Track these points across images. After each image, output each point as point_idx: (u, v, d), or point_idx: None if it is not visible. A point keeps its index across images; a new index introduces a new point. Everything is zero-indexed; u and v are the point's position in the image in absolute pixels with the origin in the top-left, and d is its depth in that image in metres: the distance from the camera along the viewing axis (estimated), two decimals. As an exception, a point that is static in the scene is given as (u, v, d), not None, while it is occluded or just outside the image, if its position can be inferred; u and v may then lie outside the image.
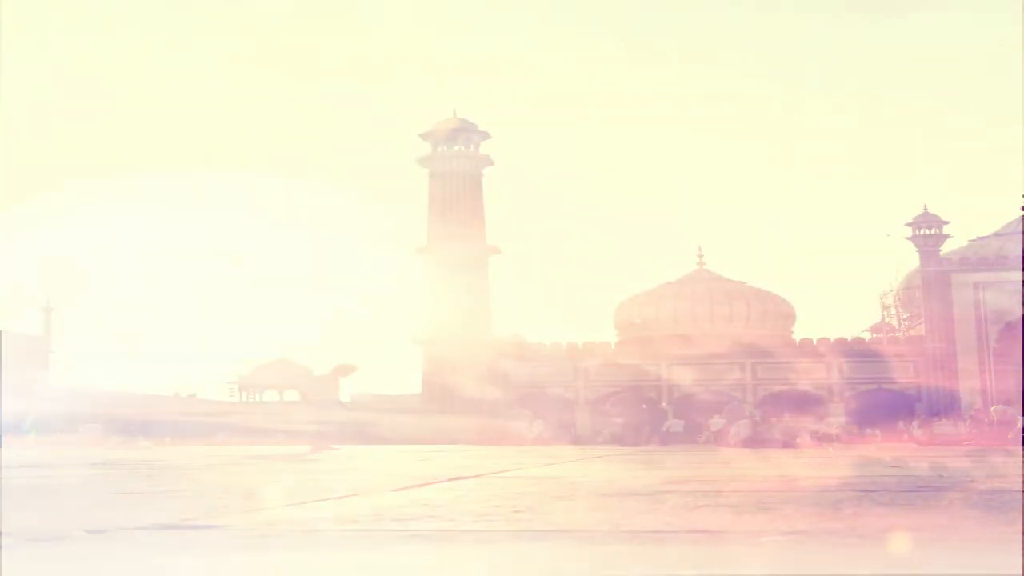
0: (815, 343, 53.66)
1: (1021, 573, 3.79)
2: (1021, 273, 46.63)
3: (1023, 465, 13.15)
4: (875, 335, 58.11)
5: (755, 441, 32.94)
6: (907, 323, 58.47)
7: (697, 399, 50.30)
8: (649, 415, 48.65)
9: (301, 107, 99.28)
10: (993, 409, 42.33)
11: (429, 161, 55.66)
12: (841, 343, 53.45)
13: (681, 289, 56.97)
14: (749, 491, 8.24)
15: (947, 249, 53.43)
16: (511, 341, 53.66)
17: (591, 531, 5.32)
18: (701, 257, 59.24)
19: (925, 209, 53.73)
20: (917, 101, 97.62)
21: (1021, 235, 49.66)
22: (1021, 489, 8.26)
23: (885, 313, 60.70)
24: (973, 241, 54.73)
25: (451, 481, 10.05)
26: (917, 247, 53.51)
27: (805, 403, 48.66)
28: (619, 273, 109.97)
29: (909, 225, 53.63)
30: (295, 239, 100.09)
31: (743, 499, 7.26)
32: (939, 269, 52.59)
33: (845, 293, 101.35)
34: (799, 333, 56.13)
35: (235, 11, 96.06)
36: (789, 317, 57.32)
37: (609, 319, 59.34)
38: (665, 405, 51.29)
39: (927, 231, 53.26)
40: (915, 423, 42.82)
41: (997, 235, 54.42)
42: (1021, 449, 24.76)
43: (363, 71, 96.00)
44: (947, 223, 53.42)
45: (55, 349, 59.52)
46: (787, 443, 32.61)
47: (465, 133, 55.47)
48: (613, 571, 4.08)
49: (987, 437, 36.17)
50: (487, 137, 55.75)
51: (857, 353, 52.70)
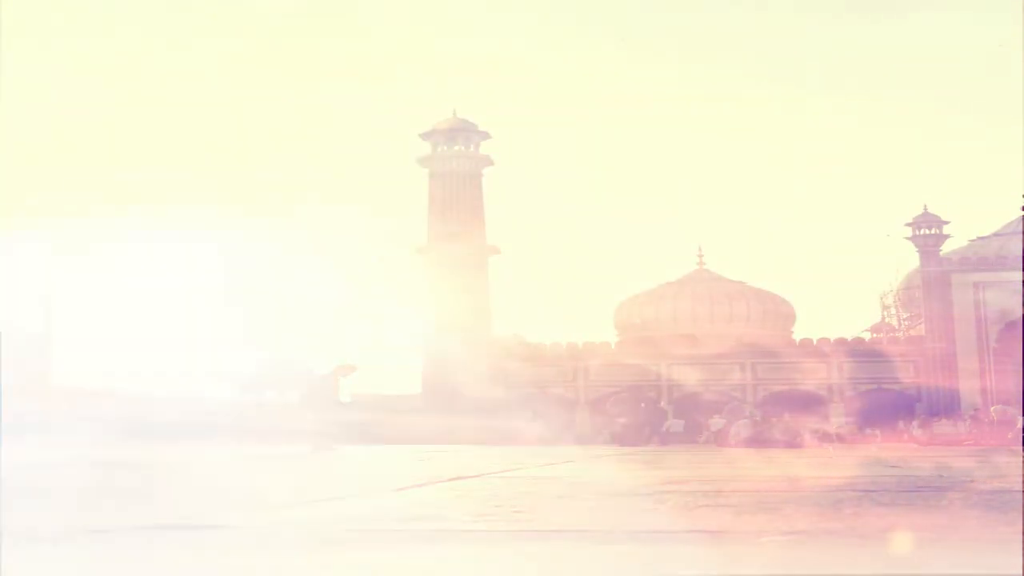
0: (815, 343, 53.60)
1: (1021, 573, 3.79)
2: (1021, 273, 46.61)
3: (1023, 465, 13.15)
4: (875, 335, 58.03)
5: (758, 441, 32.90)
6: (907, 323, 58.41)
7: (697, 399, 50.26)
8: (649, 415, 48.60)
9: (301, 107, 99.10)
10: (993, 409, 42.29)
11: (429, 161, 55.62)
12: (841, 343, 53.39)
13: (681, 289, 56.92)
14: (749, 491, 8.24)
15: (947, 249, 53.34)
16: (511, 341, 53.60)
17: (591, 531, 5.31)
18: (701, 257, 59.18)
19: (925, 209, 53.67)
20: (917, 101, 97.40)
21: (1021, 235, 49.61)
22: (1021, 489, 8.26)
23: (885, 313, 60.64)
24: (973, 241, 54.64)
25: (451, 481, 10.05)
26: (917, 247, 53.44)
27: (805, 403, 48.60)
28: (619, 273, 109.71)
29: (909, 225, 53.55)
30: (295, 239, 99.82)
31: (743, 499, 7.26)
32: (939, 269, 52.54)
33: (845, 293, 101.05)
34: (799, 333, 56.08)
35: (235, 11, 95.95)
36: (789, 317, 57.28)
37: (609, 319, 59.32)
38: (665, 405, 51.23)
39: (927, 231, 53.17)
40: (915, 423, 42.79)
41: (997, 235, 54.33)
42: (1021, 449, 24.76)
43: (363, 71, 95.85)
44: (947, 223, 53.34)
45: (55, 349, 59.50)
46: (791, 443, 32.59)
47: (465, 133, 55.42)
48: (613, 571, 4.08)
49: (987, 437, 36.15)
50: (487, 137, 55.70)
51: (857, 353, 52.63)
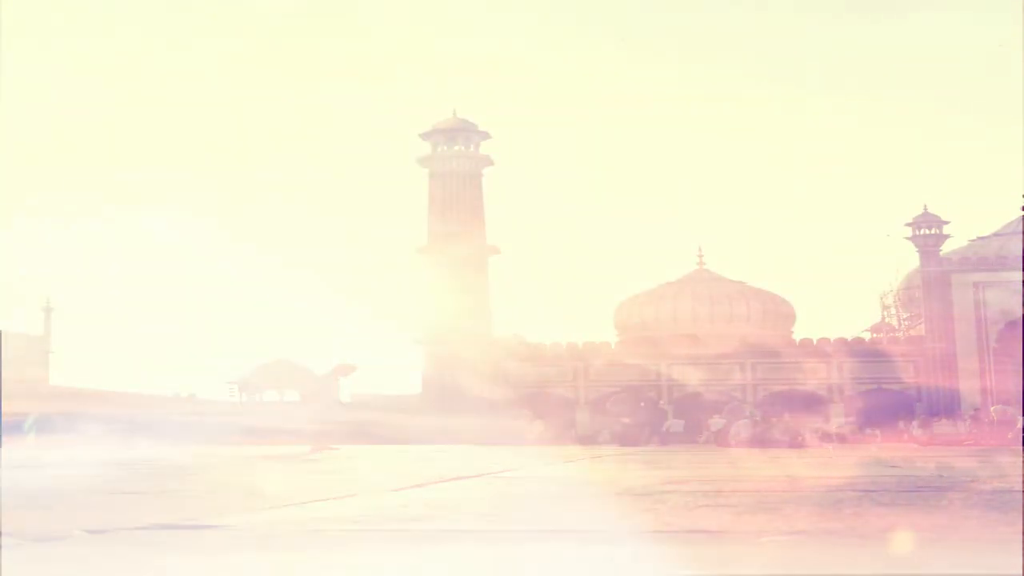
0: (815, 343, 53.62)
1: (1021, 573, 3.79)
2: (1021, 273, 46.61)
3: (1023, 465, 13.14)
4: (875, 335, 58.04)
5: (758, 441, 32.88)
6: (907, 323, 58.42)
7: (697, 399, 50.27)
8: (649, 415, 48.61)
9: (301, 107, 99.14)
10: (993, 409, 42.29)
11: (429, 161, 55.62)
12: (841, 343, 53.40)
13: (681, 289, 56.93)
14: (749, 491, 8.24)
15: (947, 249, 53.35)
16: (511, 341, 53.60)
17: (591, 531, 5.31)
18: (701, 257, 59.19)
19: (925, 209, 53.68)
20: (917, 101, 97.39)
21: (1021, 235, 49.63)
22: (1021, 489, 8.26)
23: (885, 313, 60.65)
24: (973, 241, 54.65)
25: (451, 481, 10.05)
26: (917, 247, 53.45)
27: (805, 403, 48.61)
28: (619, 273, 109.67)
29: (909, 225, 53.56)
30: (295, 239, 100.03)
31: (743, 499, 7.25)
32: (939, 269, 52.54)
33: (845, 293, 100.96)
34: (799, 333, 56.09)
35: (235, 11, 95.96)
36: (789, 317, 57.29)
37: (609, 319, 59.33)
38: (665, 405, 51.26)
39: (927, 231, 53.18)
40: (915, 423, 42.78)
41: (997, 235, 54.34)
42: (1021, 449, 24.76)
43: (363, 71, 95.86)
44: (947, 223, 53.35)
45: (55, 349, 59.59)
46: (791, 443, 32.57)
47: (465, 133, 55.43)
48: (613, 571, 4.08)
49: (987, 437, 36.15)
50: (487, 137, 55.70)
51: (857, 353, 52.63)
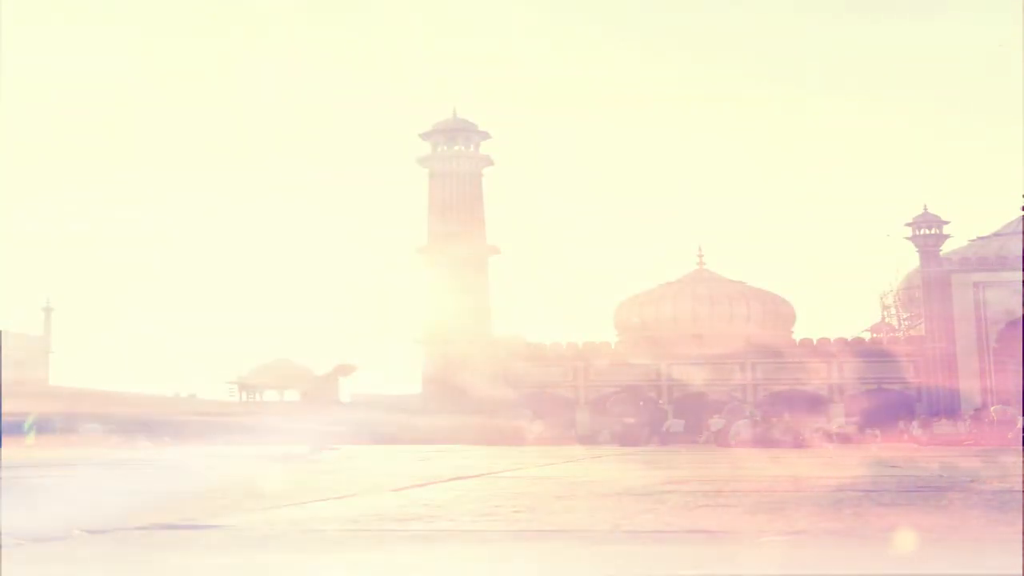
0: (815, 343, 53.66)
1: (1021, 573, 3.79)
2: (1021, 273, 46.61)
3: (1023, 465, 13.15)
4: (875, 335, 58.09)
5: (758, 441, 32.87)
6: (907, 323, 58.45)
7: (697, 399, 50.29)
8: (649, 415, 48.63)
9: (301, 107, 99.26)
10: (993, 409, 42.28)
11: (429, 161, 55.64)
12: (841, 343, 53.44)
13: (681, 289, 56.96)
14: (749, 491, 8.24)
15: (947, 249, 53.40)
16: (511, 341, 53.63)
17: (591, 531, 5.31)
18: (701, 257, 59.24)
19: (925, 209, 53.73)
20: (917, 101, 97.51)
21: (1021, 235, 49.65)
22: (1021, 489, 8.26)
23: (885, 313, 60.69)
24: (973, 241, 54.69)
25: (451, 481, 10.05)
26: (917, 247, 53.49)
27: (805, 403, 48.64)
28: (619, 273, 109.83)
29: (909, 225, 53.61)
30: (295, 239, 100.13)
31: (743, 499, 7.25)
32: (939, 269, 52.57)
33: (845, 293, 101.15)
34: (799, 333, 56.14)
35: (235, 11, 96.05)
36: (789, 317, 57.32)
37: (609, 319, 59.37)
38: (665, 405, 51.28)
39: (927, 231, 53.23)
40: (915, 423, 42.77)
41: (997, 235, 54.38)
42: (1021, 449, 24.76)
43: (363, 71, 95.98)
44: (947, 223, 53.41)
45: (55, 349, 59.64)
46: (791, 443, 32.56)
47: (465, 133, 55.45)
48: (613, 571, 4.08)
49: (987, 437, 36.14)
50: (487, 137, 55.73)
51: (857, 353, 52.68)
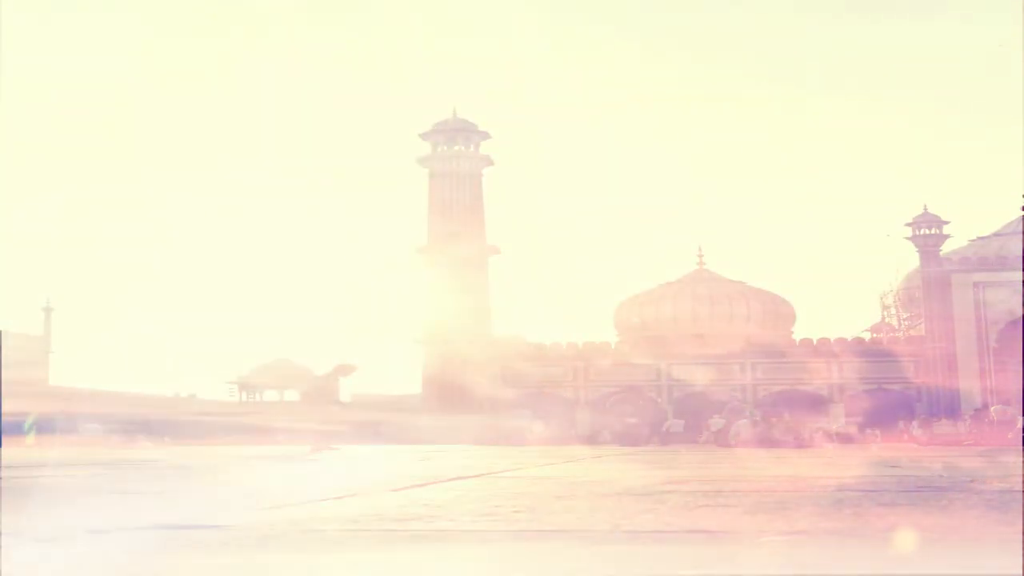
0: (815, 343, 53.67)
1: (1021, 573, 3.79)
2: (1021, 273, 46.61)
3: (1023, 465, 13.14)
4: (875, 335, 58.10)
5: (758, 441, 32.86)
6: (907, 323, 58.45)
7: (697, 399, 50.30)
8: (649, 415, 48.62)
9: (301, 107, 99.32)
10: (993, 409, 42.27)
11: (429, 161, 55.65)
12: (841, 343, 53.45)
13: (681, 289, 56.97)
14: (750, 491, 8.24)
15: (947, 249, 53.41)
16: (511, 341, 53.63)
17: (591, 531, 5.31)
18: (701, 257, 59.26)
19: (925, 209, 53.74)
20: (917, 101, 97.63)
21: (1021, 235, 49.65)
22: (1021, 489, 8.25)
23: (885, 313, 60.70)
24: (973, 241, 54.70)
25: (451, 481, 10.05)
26: (917, 247, 53.50)
27: (805, 403, 48.64)
28: (619, 273, 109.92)
29: (909, 225, 53.62)
30: (295, 239, 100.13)
31: (743, 499, 7.25)
32: (939, 269, 52.57)
33: (845, 293, 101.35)
34: (799, 333, 56.15)
35: (235, 11, 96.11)
36: (789, 317, 57.32)
37: (609, 319, 59.38)
38: (665, 405, 51.28)
39: (927, 231, 53.25)
40: (915, 423, 42.78)
41: (997, 235, 54.39)
42: (1021, 449, 24.76)
43: (363, 71, 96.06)
44: (947, 223, 53.43)
45: (55, 349, 59.68)
46: (790, 443, 32.55)
47: (465, 133, 55.46)
48: (613, 571, 4.07)
49: (987, 437, 36.14)
50: (487, 137, 55.74)
51: (857, 353, 52.69)
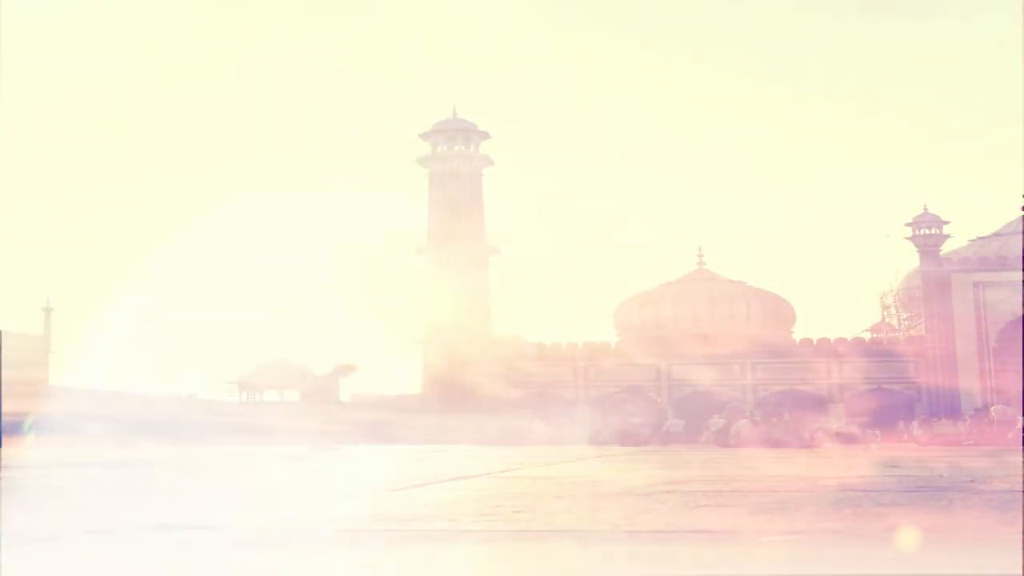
0: (815, 343, 53.68)
1: (1021, 573, 3.79)
2: (1021, 273, 46.61)
3: (1023, 465, 13.14)
4: (875, 335, 58.11)
5: (758, 441, 32.86)
6: (907, 323, 58.47)
7: (697, 399, 50.31)
8: (649, 415, 48.61)
9: (301, 107, 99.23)
10: (993, 409, 42.29)
11: (429, 161, 55.66)
12: (841, 343, 53.46)
13: (681, 289, 56.97)
14: (750, 491, 8.24)
15: (947, 249, 53.42)
16: (511, 341, 53.65)
17: (591, 531, 5.31)
18: (701, 257, 59.27)
19: (925, 209, 53.75)
20: (917, 101, 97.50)
21: (1021, 235, 49.66)
22: (1021, 489, 8.26)
23: (885, 313, 60.71)
24: (973, 241, 54.70)
25: (451, 481, 10.05)
26: (917, 247, 53.50)
27: (805, 403, 48.65)
28: (619, 273, 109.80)
29: (909, 225, 53.63)
30: (295, 239, 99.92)
31: (744, 499, 7.25)
32: (939, 269, 52.57)
33: (845, 293, 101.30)
34: (799, 333, 56.16)
35: (235, 11, 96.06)
36: (789, 317, 57.32)
37: (609, 319, 59.39)
38: (665, 405, 51.28)
39: (927, 231, 53.25)
40: (915, 423, 42.80)
41: (997, 235, 54.39)
42: (1021, 449, 24.76)
43: (363, 71, 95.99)
44: (947, 223, 53.43)
45: (55, 349, 59.58)
46: (790, 443, 32.55)
47: (465, 133, 55.47)
48: (613, 571, 4.07)
49: (987, 437, 36.15)
50: (487, 137, 55.75)
51: (857, 353, 52.70)
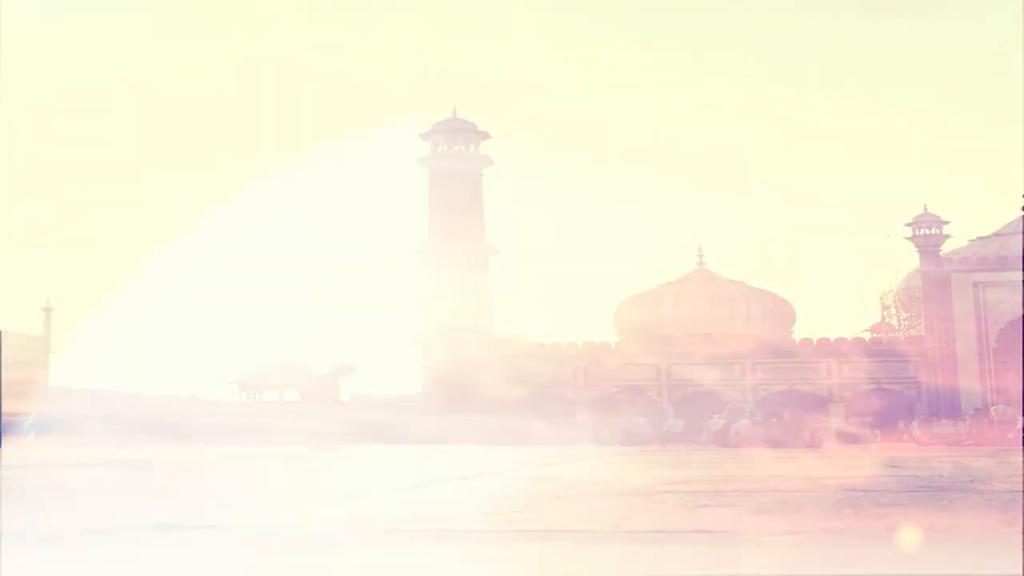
0: (815, 343, 53.66)
1: (1021, 573, 3.79)
2: (1021, 273, 46.61)
3: (1023, 465, 13.15)
4: (875, 335, 58.09)
5: (758, 441, 32.87)
6: (907, 323, 58.46)
7: (697, 399, 50.29)
8: (650, 415, 48.60)
9: (301, 107, 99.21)
10: (993, 409, 42.30)
11: (429, 161, 55.64)
12: (841, 343, 53.43)
13: (681, 289, 56.95)
14: (750, 491, 8.24)
15: (947, 249, 53.38)
16: (512, 341, 53.63)
17: (591, 531, 5.31)
18: (701, 257, 59.23)
19: (925, 209, 53.71)
20: (917, 101, 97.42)
21: (1021, 235, 49.65)
22: (1021, 489, 8.26)
23: (885, 313, 60.69)
24: (973, 241, 54.66)
25: (451, 481, 10.05)
26: (917, 247, 53.46)
27: (805, 403, 48.64)
28: (619, 273, 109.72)
29: (909, 225, 53.58)
30: (295, 239, 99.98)
31: (744, 499, 7.25)
32: (939, 269, 52.54)
33: (845, 293, 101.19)
34: (799, 333, 56.11)
35: (235, 11, 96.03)
36: (789, 317, 57.29)
37: (609, 319, 59.36)
38: (666, 405, 51.28)
39: (927, 231, 53.21)
40: (915, 423, 42.81)
41: (997, 235, 54.34)
42: (1021, 449, 24.77)
43: (363, 71, 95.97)
44: (947, 223, 53.38)
45: (55, 349, 59.58)
46: (790, 443, 32.56)
47: (465, 133, 55.43)
48: (613, 571, 4.07)
49: (987, 437, 36.16)
50: (487, 137, 55.71)
51: (857, 353, 52.68)
